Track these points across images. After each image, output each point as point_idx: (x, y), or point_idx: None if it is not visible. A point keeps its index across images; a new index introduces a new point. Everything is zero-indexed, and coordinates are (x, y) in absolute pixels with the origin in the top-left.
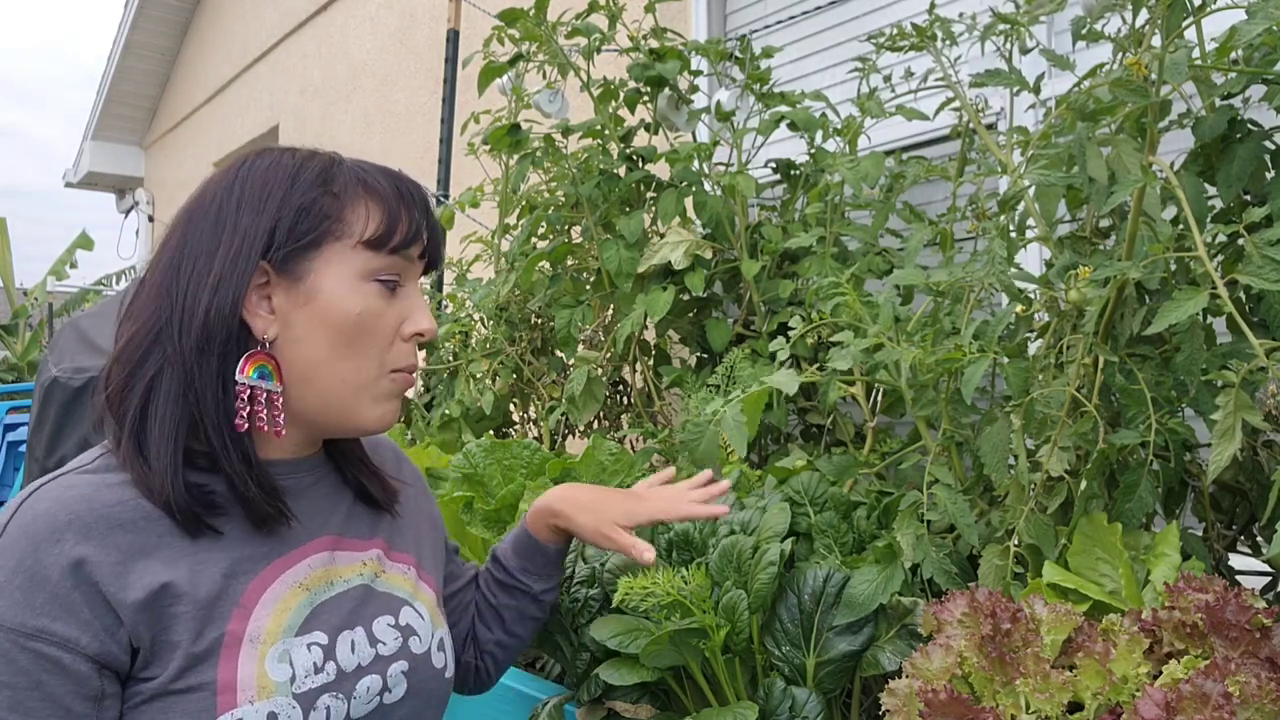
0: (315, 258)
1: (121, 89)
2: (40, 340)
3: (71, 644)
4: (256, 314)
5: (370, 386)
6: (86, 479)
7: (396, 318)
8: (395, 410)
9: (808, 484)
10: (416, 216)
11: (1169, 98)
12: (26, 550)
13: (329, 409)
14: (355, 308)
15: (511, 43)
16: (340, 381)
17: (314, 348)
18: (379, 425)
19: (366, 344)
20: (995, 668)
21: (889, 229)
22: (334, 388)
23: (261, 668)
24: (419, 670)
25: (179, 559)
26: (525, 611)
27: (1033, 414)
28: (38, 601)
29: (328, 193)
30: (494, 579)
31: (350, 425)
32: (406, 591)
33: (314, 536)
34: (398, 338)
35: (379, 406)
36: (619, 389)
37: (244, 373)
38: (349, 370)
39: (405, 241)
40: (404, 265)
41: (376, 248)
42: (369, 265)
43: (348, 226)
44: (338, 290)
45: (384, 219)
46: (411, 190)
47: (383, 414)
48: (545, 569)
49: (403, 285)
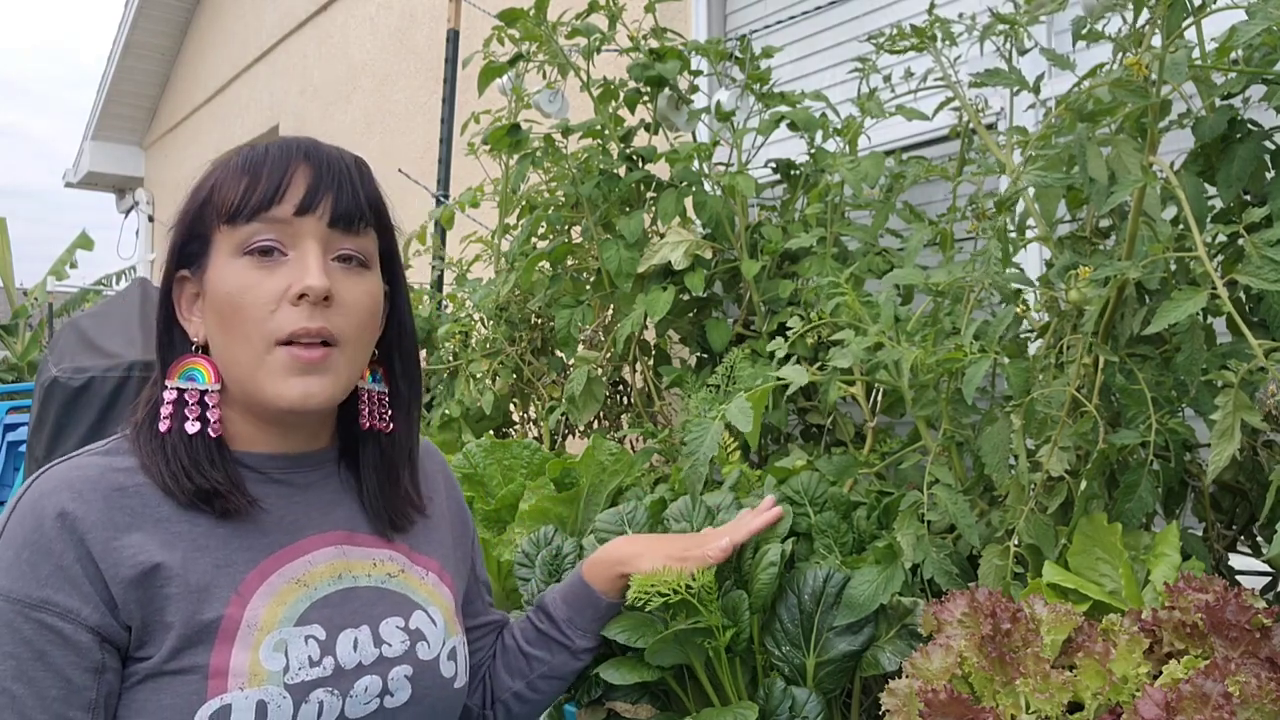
0: (208, 252)
1: (121, 89)
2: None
3: (74, 615)
4: (189, 319)
5: (260, 364)
6: (95, 460)
7: (277, 286)
8: (304, 387)
9: (808, 484)
10: (275, 173)
11: (1169, 98)
12: (32, 526)
13: (245, 394)
14: (227, 286)
15: (511, 43)
16: (236, 364)
17: (215, 338)
18: (283, 402)
19: (241, 320)
20: (995, 668)
21: (889, 229)
22: (235, 372)
23: (255, 655)
24: (424, 676)
25: (175, 543)
26: (557, 668)
27: (1033, 414)
28: (43, 573)
29: (207, 185)
30: (534, 627)
31: (265, 406)
32: (422, 596)
33: (319, 531)
34: (283, 304)
35: (277, 383)
36: (619, 389)
37: (172, 377)
38: (237, 351)
39: (263, 203)
40: (279, 229)
41: (234, 220)
42: (234, 240)
43: (216, 209)
44: (216, 275)
45: (236, 186)
46: (278, 149)
47: (282, 391)
48: (594, 623)
49: (293, 250)
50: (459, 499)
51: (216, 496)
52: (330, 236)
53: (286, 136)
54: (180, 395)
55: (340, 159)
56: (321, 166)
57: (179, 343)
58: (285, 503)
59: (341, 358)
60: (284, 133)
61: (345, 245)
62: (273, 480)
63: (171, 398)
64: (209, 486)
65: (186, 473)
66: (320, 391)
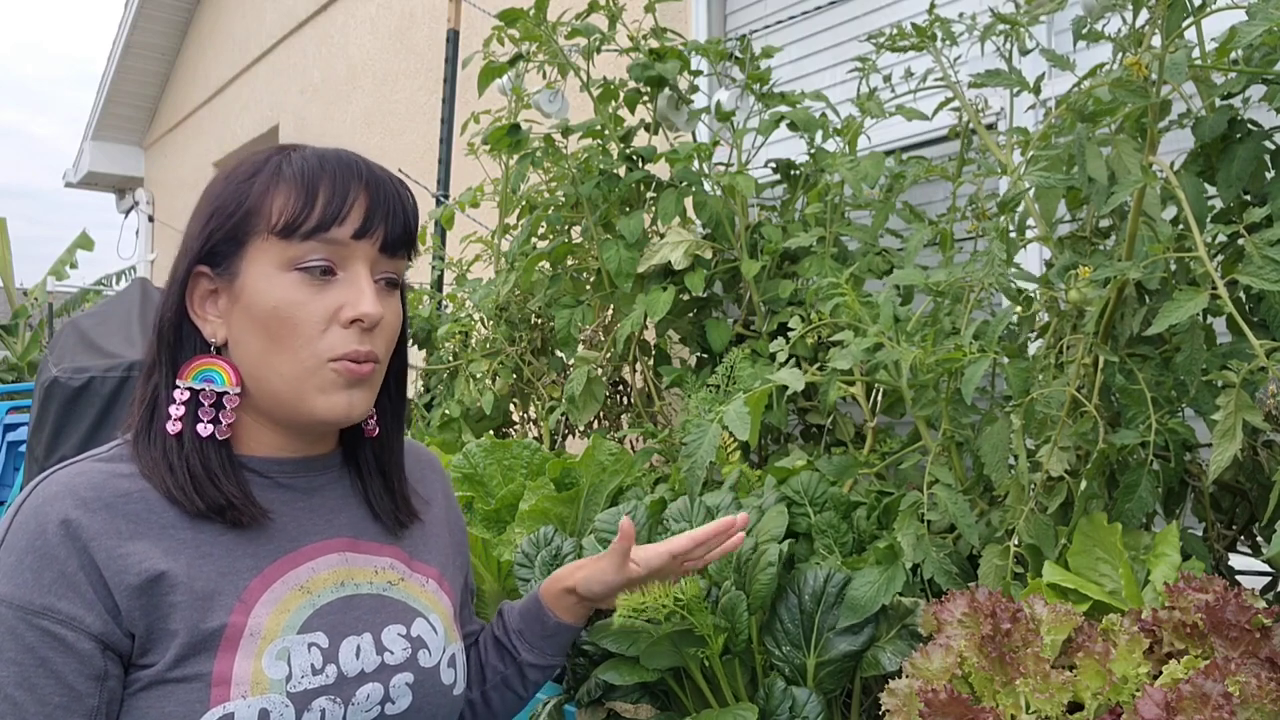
0: (242, 256)
1: (121, 89)
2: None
3: (76, 622)
4: (205, 319)
5: (308, 378)
6: (99, 467)
7: (328, 305)
8: (350, 401)
9: (807, 484)
10: (337, 196)
11: (1169, 98)
12: (35, 532)
13: (279, 404)
14: (270, 301)
15: (511, 43)
16: (278, 376)
17: (249, 345)
18: (332, 416)
19: (290, 336)
20: (995, 668)
21: (889, 229)
22: (274, 382)
23: (258, 663)
24: (425, 684)
25: (179, 550)
26: (508, 681)
27: (1033, 414)
28: (46, 580)
29: (249, 188)
30: (492, 634)
31: (307, 418)
32: (423, 603)
33: (323, 537)
34: (334, 325)
35: (326, 397)
36: (619, 389)
37: (184, 377)
38: (281, 364)
39: (321, 224)
40: (333, 250)
41: (288, 235)
42: (285, 255)
43: (263, 218)
44: (257, 285)
45: (294, 204)
46: (338, 168)
47: (332, 405)
48: (540, 640)
49: (343, 271)
50: (457, 510)
51: (229, 509)
52: (377, 260)
53: (337, 151)
54: (194, 396)
55: (392, 184)
56: (377, 191)
57: (189, 340)
58: (290, 508)
59: (378, 374)
60: (284, 133)
61: (388, 268)
62: (278, 485)
63: (184, 398)
64: (222, 501)
65: (197, 487)
66: (361, 404)
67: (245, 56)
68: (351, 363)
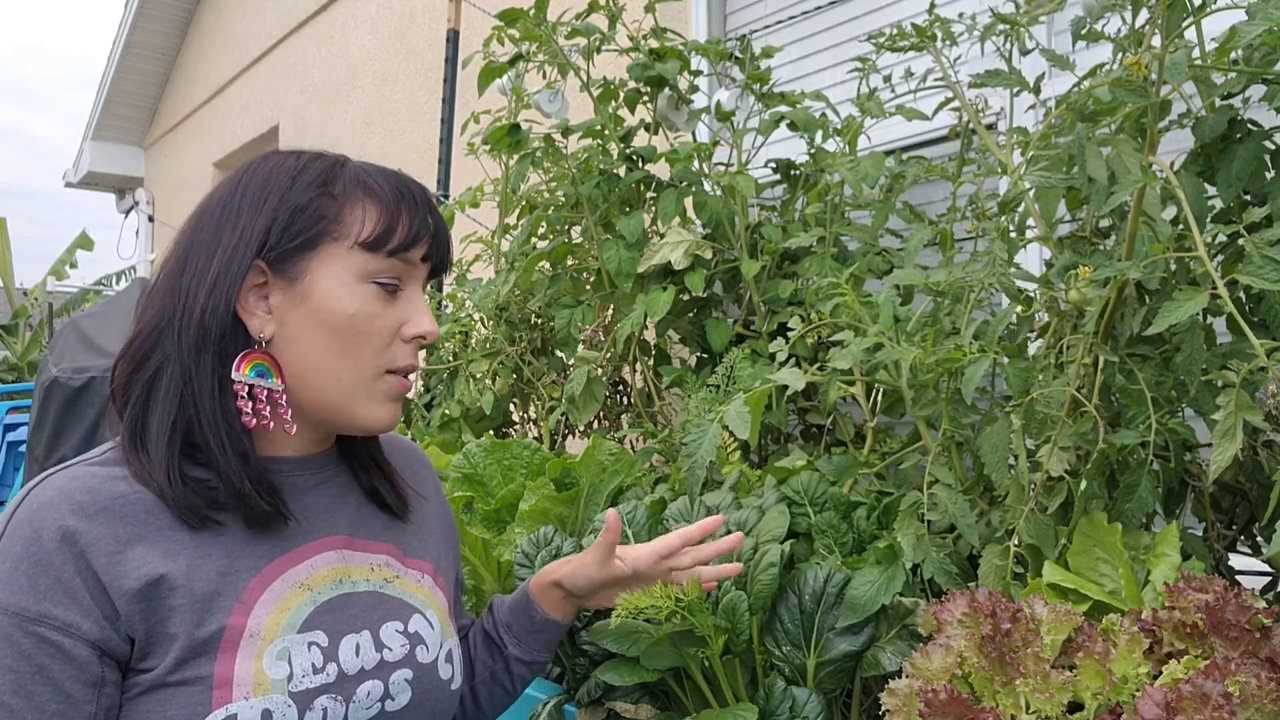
0: (311, 258)
1: (121, 89)
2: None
3: (73, 629)
4: (254, 313)
5: (365, 387)
6: (92, 471)
7: (395, 320)
8: (395, 411)
9: (808, 484)
10: (417, 219)
11: (1169, 98)
12: (30, 538)
13: (327, 408)
14: (349, 309)
15: (511, 43)
16: (336, 381)
17: (309, 347)
18: (377, 425)
19: (361, 345)
20: (995, 668)
21: (889, 229)
22: (329, 387)
23: (259, 664)
24: (424, 680)
25: (178, 552)
26: (496, 675)
27: (1033, 414)
28: (41, 586)
29: (326, 194)
30: (481, 628)
31: (349, 424)
32: (419, 599)
33: (321, 535)
34: (397, 339)
35: (376, 407)
36: (619, 389)
37: (240, 370)
38: (344, 370)
39: (404, 244)
40: (404, 268)
41: (373, 250)
42: (366, 267)
43: (345, 228)
44: (333, 291)
45: (382, 221)
46: (415, 193)
47: (379, 414)
48: (527, 635)
49: (404, 288)
50: (446, 505)
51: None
52: (424, 280)
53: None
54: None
55: (439, 212)
56: (440, 221)
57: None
58: (291, 505)
59: None
60: (284, 133)
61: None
62: (284, 480)
63: (245, 391)
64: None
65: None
66: (400, 415)
67: (245, 56)
68: (404, 378)
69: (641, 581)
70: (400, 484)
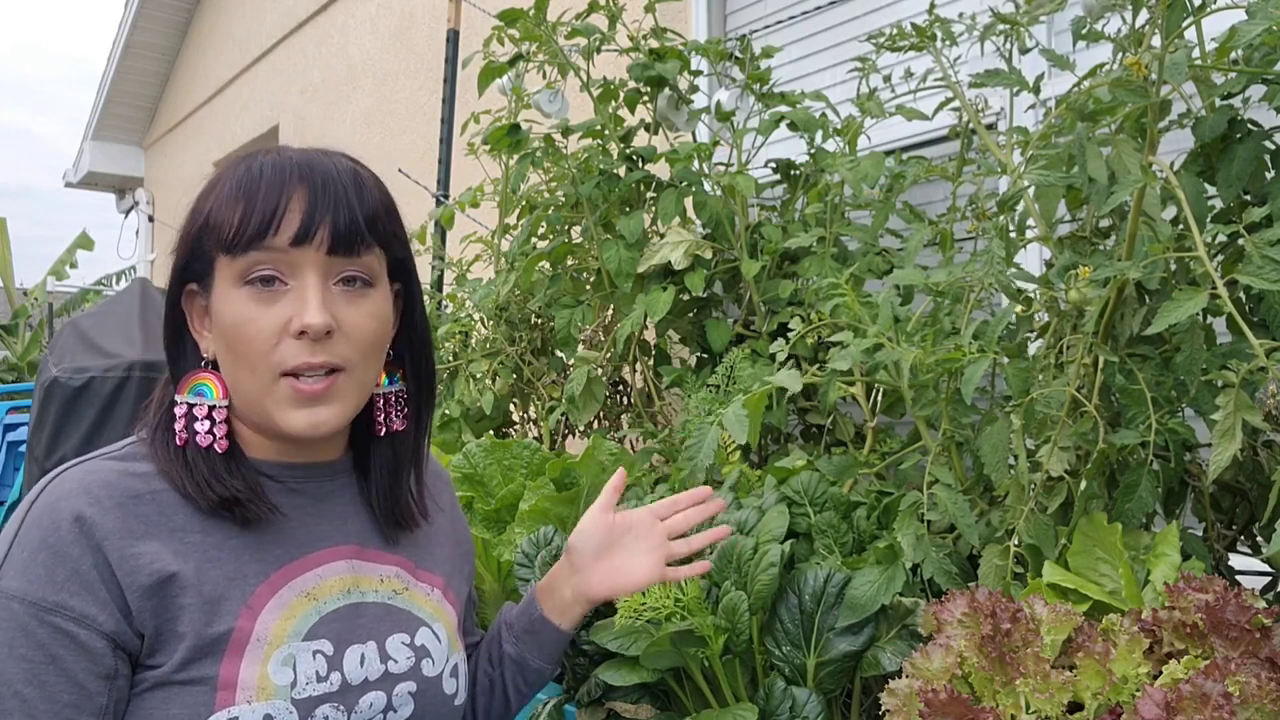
0: (212, 273)
1: (121, 89)
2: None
3: (89, 620)
4: (201, 334)
5: (265, 394)
6: (111, 465)
7: (278, 319)
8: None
9: (808, 484)
10: (269, 203)
11: (1169, 98)
12: (49, 528)
13: (255, 416)
14: (229, 316)
15: (511, 43)
16: (244, 390)
17: (222, 361)
18: (294, 432)
19: (245, 352)
20: (995, 668)
21: (889, 229)
22: (245, 396)
23: (264, 669)
24: (428, 693)
25: (189, 553)
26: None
27: (1033, 414)
28: (59, 577)
29: (206, 204)
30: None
31: (277, 431)
32: (427, 613)
33: (331, 544)
34: (285, 337)
35: (284, 413)
36: (619, 389)
37: (182, 392)
38: (243, 379)
39: (257, 234)
40: (279, 259)
41: (231, 250)
42: (234, 269)
43: (217, 234)
44: (219, 301)
45: (235, 218)
46: (270, 174)
47: (290, 421)
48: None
49: (292, 280)
50: (463, 522)
51: (237, 505)
52: (330, 262)
53: (284, 152)
54: (190, 409)
55: (337, 179)
56: (316, 191)
57: (190, 355)
58: (299, 514)
59: (350, 381)
60: (284, 133)
61: (347, 268)
62: (289, 489)
63: (182, 412)
64: (229, 494)
65: (208, 482)
66: (329, 419)
67: (245, 56)
68: (303, 382)
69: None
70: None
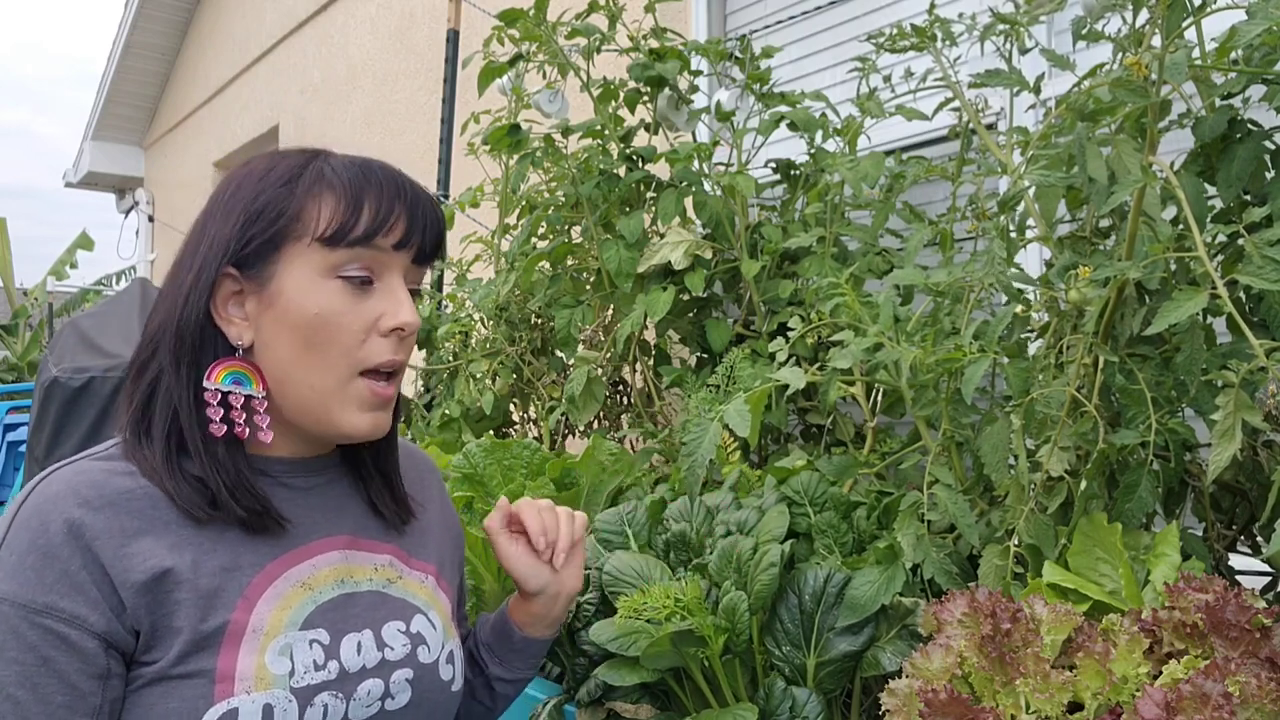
0: (277, 260)
1: (121, 89)
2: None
3: (79, 621)
4: (230, 321)
5: (339, 391)
6: (98, 465)
7: (368, 315)
8: (375, 421)
9: (808, 484)
10: (382, 206)
11: (1169, 98)
12: (38, 530)
13: (307, 414)
14: (314, 307)
15: (511, 43)
16: (309, 386)
17: (281, 351)
18: (355, 433)
19: (329, 345)
20: (995, 668)
21: (889, 229)
22: (303, 393)
23: (261, 659)
24: (424, 680)
25: (183, 547)
26: (475, 691)
27: (1033, 414)
28: (48, 578)
29: (288, 193)
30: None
31: (331, 432)
32: (422, 600)
33: (325, 535)
34: (373, 335)
35: (352, 414)
36: (619, 389)
37: (213, 379)
38: (315, 374)
39: (368, 233)
40: (375, 258)
41: (333, 243)
42: (327, 261)
43: (305, 224)
44: (297, 290)
45: (341, 212)
46: (380, 179)
47: (356, 423)
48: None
49: (379, 280)
50: (452, 512)
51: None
52: (409, 270)
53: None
54: (224, 398)
55: (427, 197)
56: (417, 205)
57: (210, 342)
58: (291, 506)
59: (398, 385)
60: (284, 133)
61: (415, 278)
62: (280, 484)
63: (216, 400)
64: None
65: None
66: (385, 423)
67: (245, 56)
68: (379, 384)
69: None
70: (402, 495)
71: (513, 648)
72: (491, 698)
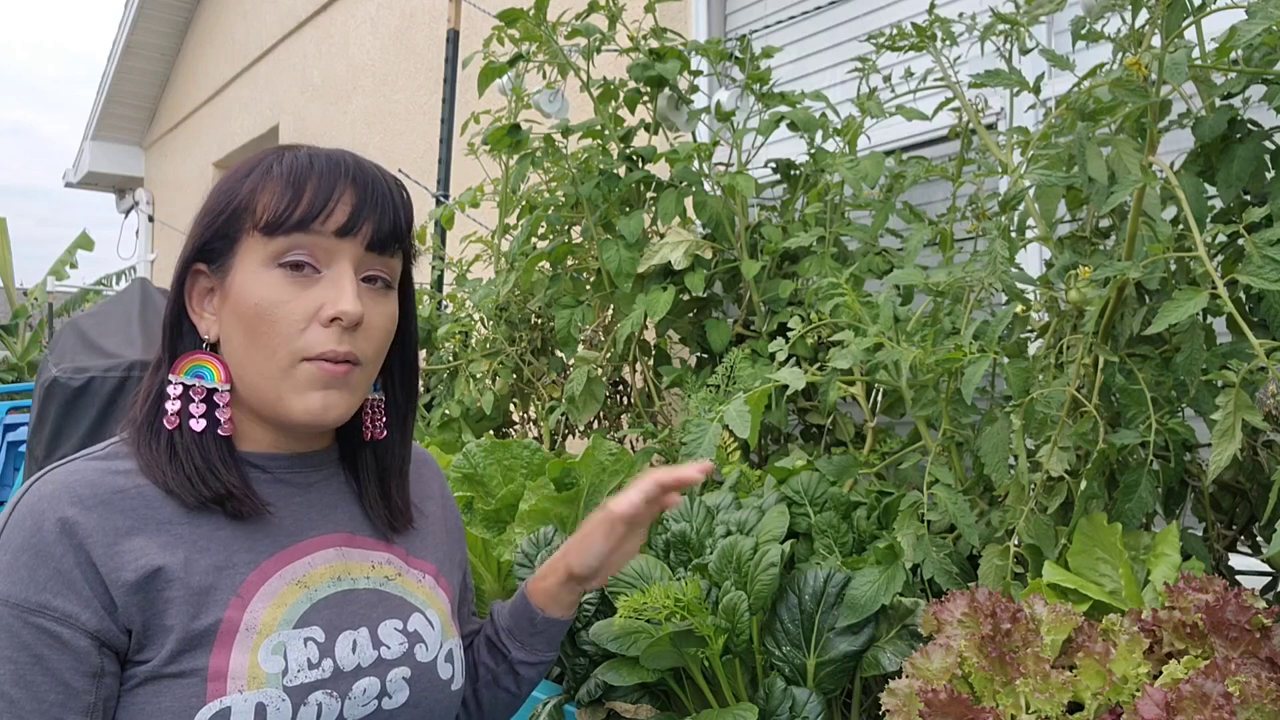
0: (234, 253)
1: (121, 89)
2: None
3: (72, 620)
4: (201, 316)
5: (284, 377)
6: (94, 465)
7: (309, 304)
8: (325, 402)
9: (808, 484)
10: (321, 193)
11: (1169, 98)
12: (31, 529)
13: (260, 403)
14: (254, 298)
15: (511, 43)
16: (256, 374)
17: (234, 342)
18: (307, 415)
19: (269, 334)
20: (995, 668)
21: (889, 229)
22: (253, 380)
23: (254, 658)
24: (422, 679)
25: (176, 546)
26: (498, 678)
27: (1033, 414)
28: (41, 577)
29: (240, 186)
30: (485, 636)
31: (286, 419)
32: (420, 599)
33: (320, 533)
34: (314, 323)
35: (300, 397)
36: (619, 389)
37: (176, 372)
38: (259, 361)
39: (303, 220)
40: (316, 244)
41: (271, 231)
42: (268, 250)
43: (253, 215)
44: (244, 282)
45: (280, 200)
46: (327, 167)
47: (305, 405)
48: (530, 637)
49: (327, 269)
50: (454, 508)
51: (229, 499)
52: (363, 258)
53: (328, 149)
54: (185, 391)
55: (383, 181)
56: (366, 189)
57: (187, 336)
58: (287, 503)
59: (361, 376)
60: (284, 133)
61: (375, 267)
62: (277, 480)
63: (176, 393)
64: (222, 491)
65: (200, 477)
66: (339, 404)
67: (245, 56)
68: (327, 362)
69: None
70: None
71: (535, 630)
72: (516, 683)
